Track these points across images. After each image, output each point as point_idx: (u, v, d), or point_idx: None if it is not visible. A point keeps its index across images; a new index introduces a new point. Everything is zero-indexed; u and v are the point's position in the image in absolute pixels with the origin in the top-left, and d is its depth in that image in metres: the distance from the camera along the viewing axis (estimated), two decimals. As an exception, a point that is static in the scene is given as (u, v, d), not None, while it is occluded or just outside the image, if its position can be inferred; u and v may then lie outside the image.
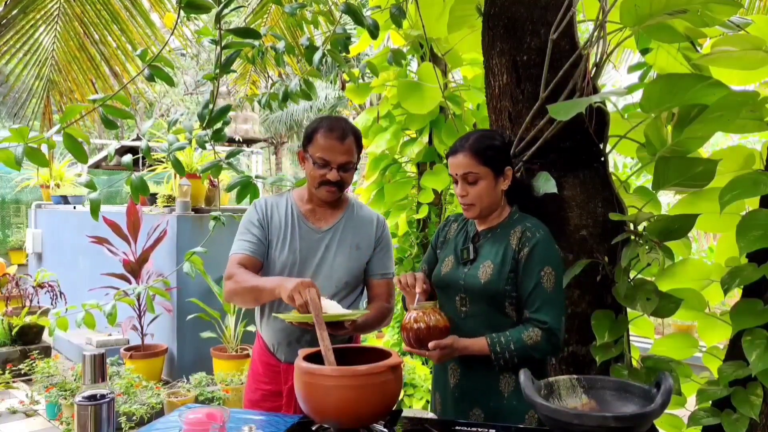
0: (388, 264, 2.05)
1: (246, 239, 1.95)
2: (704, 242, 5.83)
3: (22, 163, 1.94)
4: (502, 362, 1.60)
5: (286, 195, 2.05)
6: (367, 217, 2.05)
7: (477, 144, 1.69)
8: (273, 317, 1.92)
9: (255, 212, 1.99)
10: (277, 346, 1.96)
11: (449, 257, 1.80)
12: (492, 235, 1.74)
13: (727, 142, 5.80)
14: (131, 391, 4.05)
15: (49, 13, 3.77)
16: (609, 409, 1.31)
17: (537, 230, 1.67)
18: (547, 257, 1.65)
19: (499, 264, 1.67)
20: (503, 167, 1.71)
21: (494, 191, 1.70)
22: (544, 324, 1.60)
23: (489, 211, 1.73)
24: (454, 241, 1.84)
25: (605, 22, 1.88)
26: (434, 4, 2.62)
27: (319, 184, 1.90)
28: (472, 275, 1.70)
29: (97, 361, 1.22)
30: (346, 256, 1.96)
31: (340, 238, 1.97)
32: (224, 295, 1.95)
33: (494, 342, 1.62)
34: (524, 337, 1.60)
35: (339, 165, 1.87)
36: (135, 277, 4.93)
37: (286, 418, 1.53)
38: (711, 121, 1.72)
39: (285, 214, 1.98)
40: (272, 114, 16.14)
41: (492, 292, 1.66)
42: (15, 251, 9.54)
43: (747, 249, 1.68)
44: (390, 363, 1.30)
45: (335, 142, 1.86)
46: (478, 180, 1.68)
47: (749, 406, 1.73)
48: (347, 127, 1.92)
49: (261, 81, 4.95)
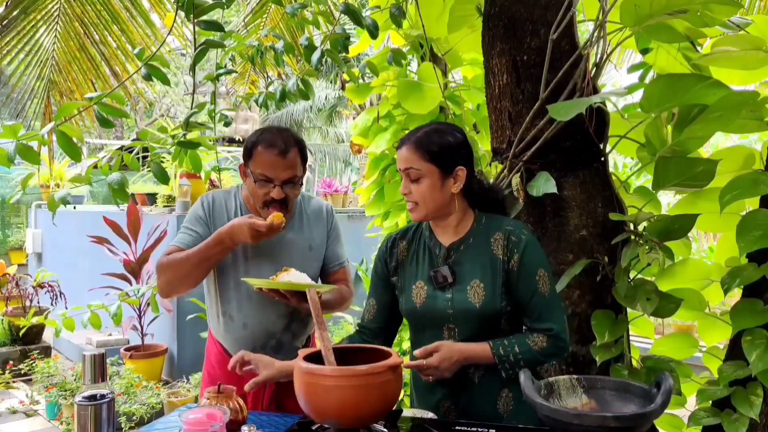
0: (342, 252, 2.00)
1: (186, 233, 1.85)
2: (704, 242, 5.83)
3: (17, 162, 1.92)
4: (508, 366, 1.47)
5: (233, 192, 1.94)
6: (316, 210, 1.98)
7: (424, 138, 1.51)
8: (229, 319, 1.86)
9: (200, 207, 1.88)
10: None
11: (418, 284, 1.57)
12: (466, 247, 1.55)
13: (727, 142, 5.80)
14: (131, 391, 4.05)
15: (50, 14, 3.77)
16: (609, 409, 1.31)
17: (521, 232, 1.53)
18: (540, 260, 1.53)
19: (490, 280, 1.51)
20: (453, 167, 1.51)
21: (440, 192, 1.50)
22: (549, 331, 1.50)
23: (436, 213, 1.54)
24: (416, 263, 1.60)
25: (605, 22, 1.88)
26: (434, 4, 2.62)
27: (264, 204, 1.79)
28: (461, 300, 1.51)
29: (97, 361, 1.22)
30: (300, 258, 1.89)
31: (292, 241, 1.89)
32: (160, 291, 1.84)
33: (497, 345, 1.48)
34: (529, 342, 1.49)
35: (283, 181, 1.76)
36: (135, 277, 4.93)
37: (286, 417, 1.53)
38: (711, 121, 1.72)
39: (234, 213, 1.89)
40: (272, 114, 16.15)
41: (489, 313, 1.50)
42: (15, 251, 9.53)
43: (747, 249, 1.68)
44: (390, 363, 1.30)
45: (277, 157, 1.74)
46: (420, 177, 1.50)
47: (749, 406, 1.73)
48: (289, 139, 1.79)
49: (260, 81, 4.95)
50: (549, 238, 2.03)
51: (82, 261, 6.22)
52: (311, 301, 1.49)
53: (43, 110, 4.11)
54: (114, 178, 2.05)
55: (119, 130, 16.67)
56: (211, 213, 1.88)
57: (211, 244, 1.75)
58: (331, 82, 15.08)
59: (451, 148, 1.52)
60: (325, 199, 7.22)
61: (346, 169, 18.65)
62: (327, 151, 17.72)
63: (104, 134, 13.13)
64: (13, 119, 4.06)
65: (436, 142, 1.51)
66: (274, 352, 1.82)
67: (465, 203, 1.58)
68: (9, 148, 1.90)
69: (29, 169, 7.49)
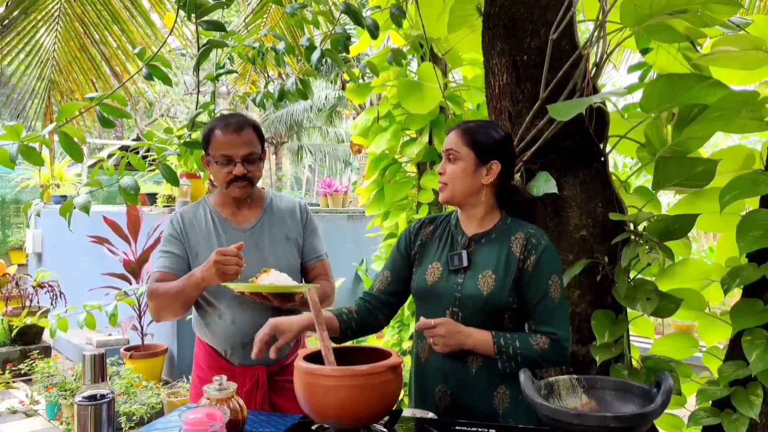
0: (319, 246, 2.04)
1: (164, 256, 1.91)
2: (704, 242, 5.83)
3: (18, 162, 1.92)
4: (506, 358, 1.49)
5: (201, 204, 2.01)
6: (289, 207, 2.03)
7: (472, 127, 1.61)
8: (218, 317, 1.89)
9: (171, 227, 1.94)
10: (231, 351, 1.91)
11: (434, 264, 1.64)
12: (487, 241, 1.61)
13: (727, 142, 5.80)
14: (131, 391, 4.05)
15: (50, 14, 3.78)
16: (609, 409, 1.31)
17: (541, 237, 1.58)
18: (555, 266, 1.56)
19: (502, 273, 1.55)
20: (489, 158, 1.58)
21: (471, 178, 1.58)
22: (553, 335, 1.51)
23: (461, 198, 1.60)
24: (437, 246, 1.68)
25: (605, 22, 1.88)
26: (434, 4, 2.62)
27: (228, 183, 1.86)
28: (471, 286, 1.56)
29: (97, 361, 1.22)
30: (280, 249, 1.94)
31: (269, 233, 1.95)
32: (152, 315, 1.90)
33: (498, 335, 1.51)
34: (531, 341, 1.51)
35: (242, 158, 1.84)
36: (135, 277, 4.93)
37: (286, 417, 1.53)
38: (711, 121, 1.72)
39: (205, 222, 1.94)
40: (272, 114, 16.16)
41: (494, 305, 1.53)
42: (15, 251, 9.54)
43: (747, 249, 1.68)
44: (390, 363, 1.30)
45: (232, 136, 1.83)
46: (457, 160, 1.58)
47: (749, 406, 1.73)
48: (242, 120, 1.89)
49: (261, 81, 4.95)
50: (549, 238, 2.02)
51: (82, 261, 6.22)
52: (311, 302, 1.49)
53: (44, 110, 4.11)
54: (127, 181, 2.07)
55: (119, 129, 16.67)
56: (182, 230, 1.93)
57: (186, 281, 1.79)
58: (331, 82, 15.08)
59: (492, 141, 1.59)
60: (325, 199, 7.22)
61: (346, 169, 18.66)
62: (327, 151, 17.73)
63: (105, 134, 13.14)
64: (14, 119, 4.06)
65: (480, 132, 1.60)
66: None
67: (494, 201, 1.64)
68: (11, 149, 1.89)
69: (30, 169, 7.50)
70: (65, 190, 7.17)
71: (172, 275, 1.86)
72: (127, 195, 2.08)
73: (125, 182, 2.07)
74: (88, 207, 2.07)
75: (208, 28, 2.18)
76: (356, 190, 3.97)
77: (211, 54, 2.28)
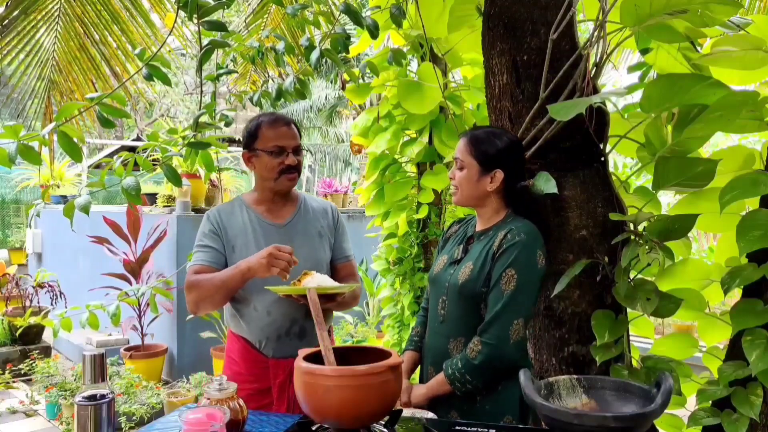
0: (348, 247, 2.13)
1: (202, 250, 1.97)
2: (704, 242, 5.83)
3: (18, 162, 1.92)
4: (459, 384, 1.60)
5: (236, 202, 2.08)
6: (321, 207, 2.13)
7: (479, 136, 1.72)
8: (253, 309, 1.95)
9: (208, 223, 2.01)
10: (265, 342, 1.96)
11: (443, 257, 1.81)
12: (485, 237, 1.73)
13: (727, 142, 5.80)
14: (131, 391, 4.05)
15: (50, 14, 3.78)
16: (609, 409, 1.31)
17: (519, 233, 1.63)
18: (518, 261, 1.60)
19: (480, 264, 1.66)
20: (492, 168, 1.69)
21: (474, 185, 1.70)
22: (485, 330, 1.59)
23: (469, 202, 1.74)
24: (453, 242, 1.84)
25: (605, 22, 1.88)
26: (434, 4, 2.62)
27: (279, 173, 1.95)
28: (455, 276, 1.70)
29: (97, 361, 1.22)
30: (312, 245, 2.02)
31: (302, 230, 2.03)
32: (189, 307, 1.95)
33: (447, 368, 1.62)
34: (467, 352, 1.60)
35: (293, 149, 1.96)
36: (135, 277, 4.93)
37: (286, 417, 1.53)
38: (711, 121, 1.72)
39: (242, 218, 2.01)
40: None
41: (468, 292, 1.65)
42: (15, 251, 9.54)
43: (747, 249, 1.68)
44: (390, 363, 1.30)
45: (284, 128, 1.96)
46: (463, 167, 1.71)
47: (749, 406, 1.73)
48: (287, 116, 2.03)
49: (261, 81, 4.95)
50: (549, 238, 2.03)
51: (82, 261, 6.22)
52: (311, 302, 1.49)
53: (44, 110, 4.11)
54: (129, 182, 2.07)
55: (119, 129, 16.68)
56: (220, 225, 1.99)
57: (232, 271, 1.86)
58: (331, 82, 15.08)
59: (495, 150, 1.70)
60: (325, 198, 7.23)
61: (346, 169, 18.65)
62: (327, 151, 17.71)
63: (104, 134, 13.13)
64: (14, 119, 4.06)
65: (484, 142, 1.71)
66: (297, 339, 1.95)
67: (502, 203, 1.74)
68: (10, 149, 1.89)
69: (29, 169, 7.50)
70: (65, 190, 7.17)
71: (210, 269, 1.93)
72: (129, 195, 2.08)
73: (127, 182, 2.07)
74: (88, 207, 2.08)
75: (210, 29, 2.18)
76: (356, 190, 3.97)
77: (212, 54, 2.28)
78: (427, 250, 3.63)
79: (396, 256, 3.64)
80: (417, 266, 3.61)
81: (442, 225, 3.64)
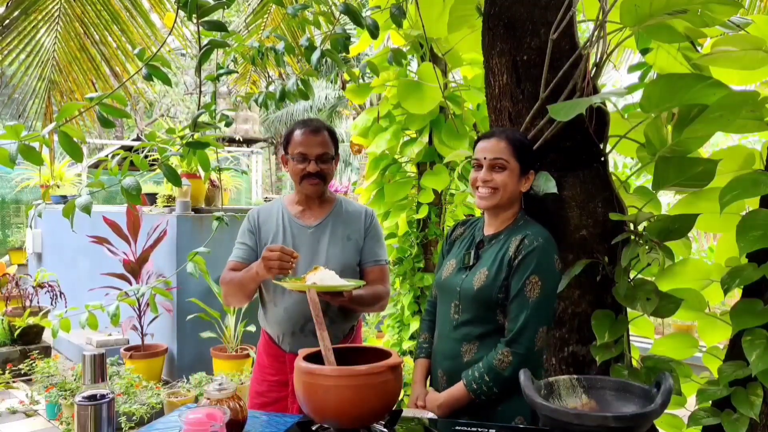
0: (380, 252, 2.14)
1: (238, 247, 2.10)
2: (704, 242, 5.83)
3: (18, 162, 1.92)
4: (484, 397, 1.59)
5: (277, 201, 2.18)
6: (356, 211, 2.16)
7: (516, 135, 1.73)
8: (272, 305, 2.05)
9: (248, 221, 2.14)
10: (282, 337, 2.05)
11: (452, 261, 1.79)
12: (496, 242, 1.72)
13: (727, 142, 5.80)
14: (131, 391, 4.05)
15: (50, 14, 3.78)
16: (609, 409, 1.31)
17: (537, 238, 1.64)
18: (540, 267, 1.61)
19: (495, 271, 1.64)
20: (528, 169, 1.72)
21: (515, 186, 1.70)
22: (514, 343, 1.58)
23: (507, 204, 1.72)
24: (459, 246, 1.82)
25: (605, 22, 1.88)
26: (434, 4, 2.62)
27: (301, 178, 2.02)
28: (468, 281, 1.68)
29: (97, 361, 1.22)
30: (339, 247, 2.06)
31: (331, 232, 2.07)
32: (222, 299, 2.07)
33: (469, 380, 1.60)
34: (495, 363, 1.58)
35: (316, 157, 2.00)
36: (135, 277, 4.93)
37: (286, 417, 1.53)
38: (711, 121, 1.72)
39: (277, 218, 2.10)
40: (272, 114, 16.16)
41: (484, 298, 1.63)
42: (15, 251, 9.54)
43: (747, 249, 1.68)
44: (390, 363, 1.30)
45: (310, 136, 2.01)
46: (505, 169, 1.68)
47: (749, 406, 1.73)
48: (320, 123, 2.07)
49: (261, 81, 4.95)
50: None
51: (82, 261, 6.22)
52: (310, 301, 1.49)
53: (44, 110, 4.11)
54: (129, 182, 2.07)
55: (119, 129, 16.68)
56: (257, 223, 2.11)
57: (245, 273, 1.97)
58: (331, 82, 15.09)
59: (531, 153, 1.74)
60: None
61: (346, 169, 18.65)
62: (327, 151, 17.66)
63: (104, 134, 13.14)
64: (15, 119, 4.06)
65: (524, 143, 1.73)
66: (312, 336, 1.97)
67: (521, 204, 1.77)
68: (11, 149, 1.89)
69: (29, 169, 7.50)
70: (65, 190, 7.17)
71: (243, 265, 2.04)
72: (129, 195, 2.09)
73: (127, 183, 2.07)
74: (89, 208, 2.09)
75: (210, 29, 2.18)
76: (356, 190, 3.97)
77: (212, 54, 2.28)
78: (427, 250, 3.63)
79: (396, 256, 3.64)
80: (417, 266, 3.60)
81: (442, 225, 3.63)
